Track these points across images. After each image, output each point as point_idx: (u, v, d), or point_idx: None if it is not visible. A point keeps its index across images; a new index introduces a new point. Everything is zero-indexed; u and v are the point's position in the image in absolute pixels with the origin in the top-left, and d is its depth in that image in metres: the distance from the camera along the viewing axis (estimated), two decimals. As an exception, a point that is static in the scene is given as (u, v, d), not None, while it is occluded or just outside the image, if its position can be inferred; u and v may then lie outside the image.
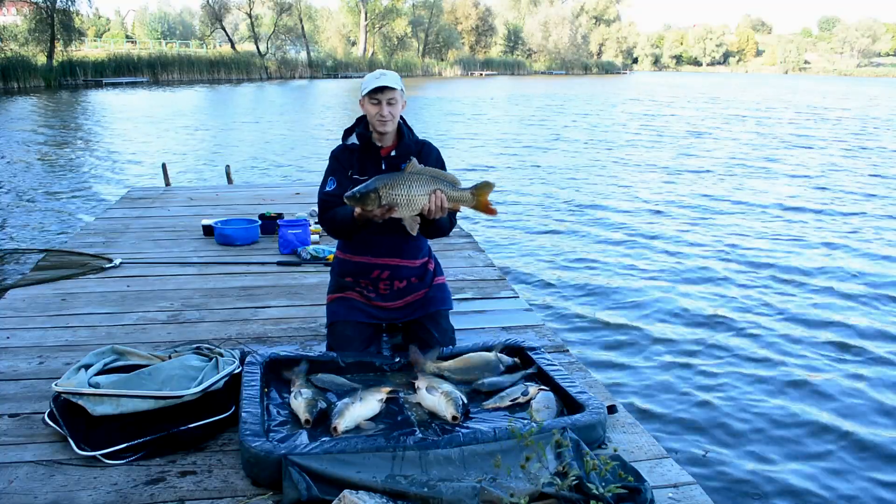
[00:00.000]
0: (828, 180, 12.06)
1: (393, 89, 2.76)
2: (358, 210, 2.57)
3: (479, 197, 2.62)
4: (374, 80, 2.78)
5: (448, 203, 2.58)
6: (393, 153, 2.89)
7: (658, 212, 9.40)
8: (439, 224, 2.75)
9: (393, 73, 2.86)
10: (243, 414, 2.20)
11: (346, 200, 2.56)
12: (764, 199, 10.38)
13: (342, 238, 2.91)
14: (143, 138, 16.89)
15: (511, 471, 1.97)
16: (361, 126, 2.91)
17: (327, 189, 2.89)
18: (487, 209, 2.64)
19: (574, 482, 1.89)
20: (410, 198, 2.52)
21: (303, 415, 2.28)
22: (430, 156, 2.94)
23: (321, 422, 2.28)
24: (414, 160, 2.64)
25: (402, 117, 2.93)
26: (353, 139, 2.91)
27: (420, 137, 3.02)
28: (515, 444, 2.04)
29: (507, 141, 17.36)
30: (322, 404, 2.34)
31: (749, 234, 8.17)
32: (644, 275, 6.60)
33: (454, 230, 3.15)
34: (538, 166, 13.37)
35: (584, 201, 10.08)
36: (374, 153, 2.88)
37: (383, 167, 2.87)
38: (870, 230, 8.51)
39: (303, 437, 2.18)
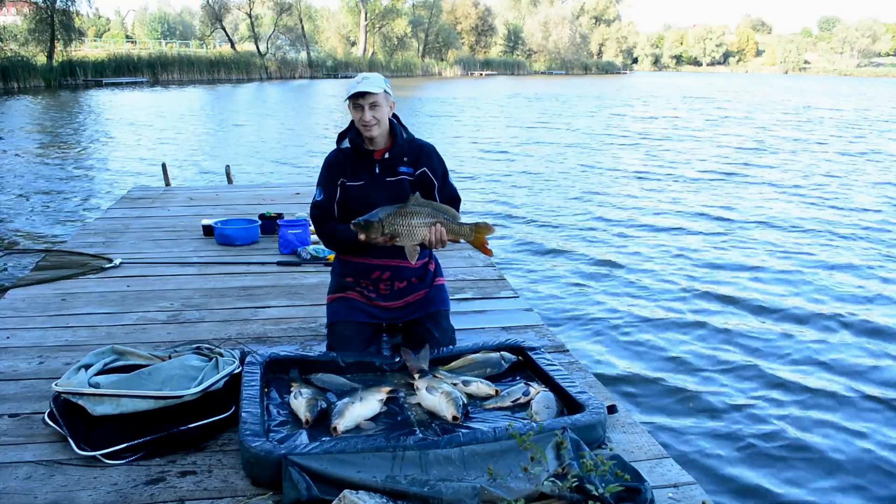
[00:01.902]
0: (835, 185, 12.06)
1: (374, 94, 2.74)
2: (362, 237, 2.64)
3: (477, 235, 2.70)
4: (354, 84, 2.77)
5: (447, 236, 2.65)
6: (387, 155, 2.87)
7: (658, 212, 9.40)
8: None
9: (376, 75, 2.84)
10: (243, 414, 2.20)
11: (351, 227, 2.63)
12: (762, 202, 10.39)
13: (340, 253, 2.96)
14: (142, 138, 16.89)
15: (512, 470, 1.97)
16: (353, 130, 2.89)
17: (315, 200, 2.93)
18: (483, 248, 2.73)
19: (574, 482, 1.89)
20: (412, 229, 2.62)
21: (303, 414, 2.28)
22: (429, 157, 2.92)
23: (321, 422, 2.28)
24: (417, 194, 2.69)
25: (396, 117, 2.92)
26: (347, 143, 2.90)
27: (417, 138, 3.00)
28: (516, 443, 2.04)
29: (505, 141, 17.35)
30: (322, 404, 2.34)
31: (751, 236, 8.17)
32: (644, 274, 6.60)
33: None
34: (538, 167, 13.37)
35: (585, 201, 10.08)
36: (367, 157, 2.87)
37: (377, 170, 2.86)
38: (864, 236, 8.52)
39: (303, 437, 2.18)
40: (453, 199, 2.95)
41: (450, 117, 23.44)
